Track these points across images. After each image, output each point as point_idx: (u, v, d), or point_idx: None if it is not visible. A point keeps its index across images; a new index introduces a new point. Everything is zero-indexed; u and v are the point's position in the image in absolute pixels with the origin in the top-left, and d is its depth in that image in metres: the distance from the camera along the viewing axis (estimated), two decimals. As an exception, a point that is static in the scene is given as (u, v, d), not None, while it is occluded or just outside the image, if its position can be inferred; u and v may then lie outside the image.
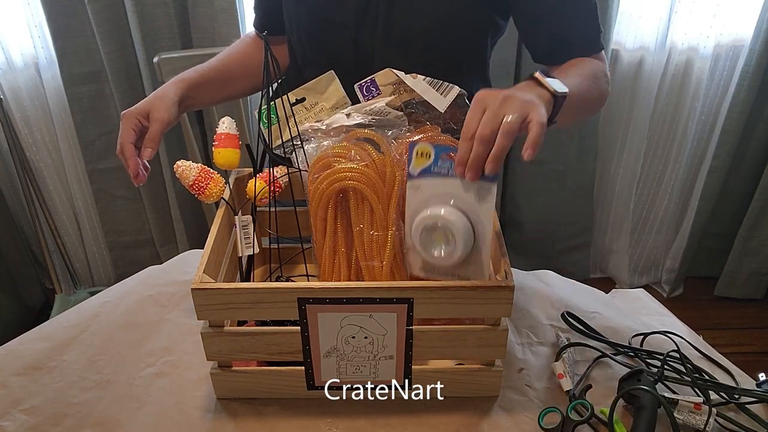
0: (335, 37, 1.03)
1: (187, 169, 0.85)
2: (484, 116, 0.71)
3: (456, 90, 0.88)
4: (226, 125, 0.90)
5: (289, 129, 0.89)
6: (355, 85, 0.90)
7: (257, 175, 0.90)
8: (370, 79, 0.89)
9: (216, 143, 0.89)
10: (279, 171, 0.91)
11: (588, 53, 1.00)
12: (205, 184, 0.85)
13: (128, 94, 1.85)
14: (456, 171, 0.73)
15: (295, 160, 0.90)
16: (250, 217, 0.89)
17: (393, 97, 0.89)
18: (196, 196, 0.86)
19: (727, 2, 1.79)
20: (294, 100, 0.93)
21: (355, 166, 0.78)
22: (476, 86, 1.13)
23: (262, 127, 0.91)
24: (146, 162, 0.89)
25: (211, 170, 0.87)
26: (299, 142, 0.89)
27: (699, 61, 1.89)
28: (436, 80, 0.88)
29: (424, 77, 0.89)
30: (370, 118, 0.88)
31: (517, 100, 0.72)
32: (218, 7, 1.76)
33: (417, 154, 0.77)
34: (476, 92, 0.76)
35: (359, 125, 0.87)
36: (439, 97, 0.87)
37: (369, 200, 0.79)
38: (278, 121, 0.90)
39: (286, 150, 0.91)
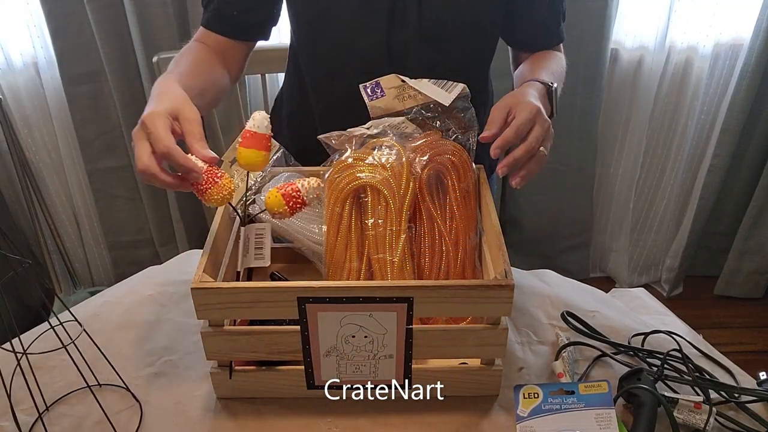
0: (369, 41, 1.02)
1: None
2: (535, 131, 0.84)
3: (460, 86, 0.89)
4: (254, 122, 0.79)
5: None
6: (360, 85, 0.91)
7: (276, 187, 0.81)
8: (375, 81, 0.90)
9: (240, 140, 0.79)
10: (307, 182, 0.81)
11: (559, 42, 1.12)
12: (206, 187, 0.76)
13: (127, 94, 1.85)
14: (494, 152, 0.81)
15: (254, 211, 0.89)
16: (268, 227, 0.84)
17: (395, 101, 0.90)
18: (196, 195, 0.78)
19: (727, 2, 1.80)
20: (229, 163, 0.93)
21: (374, 162, 0.84)
22: (487, 82, 1.17)
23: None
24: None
25: (220, 172, 0.77)
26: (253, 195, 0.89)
27: (698, 60, 1.89)
28: (439, 80, 0.90)
29: (428, 79, 0.90)
30: (389, 130, 0.90)
31: (550, 132, 0.88)
32: (218, 7, 1.76)
33: (524, 395, 0.78)
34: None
35: (379, 134, 0.90)
36: (444, 93, 0.88)
37: (385, 196, 0.83)
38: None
39: (247, 200, 0.90)
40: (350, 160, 0.86)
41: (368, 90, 0.91)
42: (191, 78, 0.95)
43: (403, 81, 0.90)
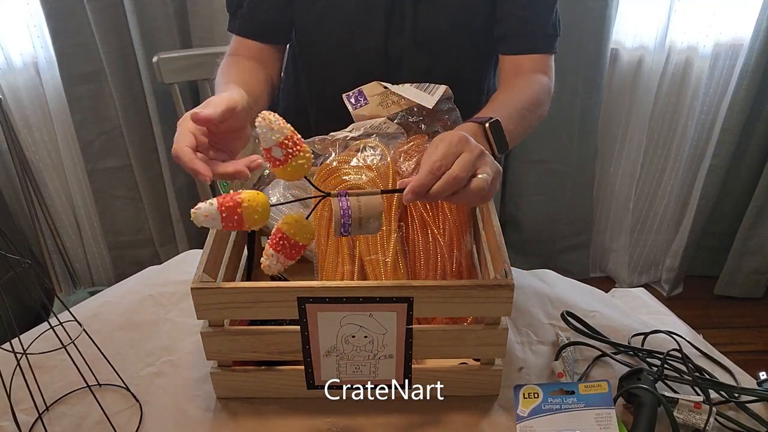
0: (366, 44, 1.02)
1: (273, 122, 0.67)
2: (461, 159, 0.69)
3: (442, 88, 0.89)
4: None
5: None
6: (343, 95, 0.90)
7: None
8: (358, 90, 0.90)
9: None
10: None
11: (542, 49, 1.03)
12: (295, 149, 0.66)
13: (127, 94, 1.84)
14: (406, 197, 0.68)
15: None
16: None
17: (379, 107, 0.90)
18: (275, 164, 0.68)
19: (727, 1, 1.79)
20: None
21: (359, 164, 0.82)
22: (491, 90, 1.14)
23: (222, 192, 0.90)
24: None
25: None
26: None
27: (698, 60, 1.89)
28: (422, 84, 0.90)
29: (410, 84, 0.90)
30: (371, 131, 0.89)
31: (486, 159, 0.72)
32: (218, 7, 1.76)
33: (524, 395, 0.79)
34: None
35: (362, 136, 0.89)
36: (426, 96, 0.88)
37: None
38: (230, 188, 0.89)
39: None
40: (335, 163, 0.86)
41: (351, 99, 0.91)
42: (245, 89, 0.87)
43: (385, 87, 0.90)
